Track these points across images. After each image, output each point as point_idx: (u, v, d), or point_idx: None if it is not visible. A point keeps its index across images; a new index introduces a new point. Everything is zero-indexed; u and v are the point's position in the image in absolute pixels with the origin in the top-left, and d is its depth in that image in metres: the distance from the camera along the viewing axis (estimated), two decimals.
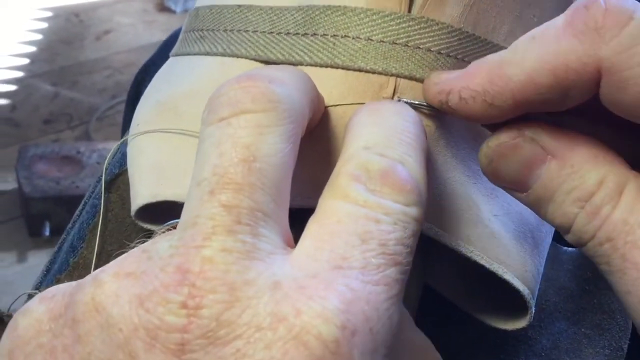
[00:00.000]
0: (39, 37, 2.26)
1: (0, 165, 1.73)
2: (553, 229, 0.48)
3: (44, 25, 2.32)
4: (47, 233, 1.55)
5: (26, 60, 2.13)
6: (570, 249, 0.54)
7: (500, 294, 0.45)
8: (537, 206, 0.37)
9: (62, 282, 0.46)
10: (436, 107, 0.39)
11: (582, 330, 0.51)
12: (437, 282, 0.48)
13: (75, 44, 2.23)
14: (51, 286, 0.46)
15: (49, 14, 2.36)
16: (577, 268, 0.53)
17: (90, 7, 2.39)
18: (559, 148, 0.34)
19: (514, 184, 0.36)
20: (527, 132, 0.35)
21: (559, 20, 0.32)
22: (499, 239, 0.43)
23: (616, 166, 0.33)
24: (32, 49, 2.19)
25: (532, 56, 0.32)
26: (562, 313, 0.52)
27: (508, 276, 0.41)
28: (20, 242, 1.58)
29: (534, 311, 0.42)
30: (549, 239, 0.47)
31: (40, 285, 0.48)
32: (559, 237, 0.50)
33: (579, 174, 0.33)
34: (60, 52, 2.19)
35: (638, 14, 0.29)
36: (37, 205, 1.56)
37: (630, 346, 0.51)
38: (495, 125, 0.37)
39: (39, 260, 1.53)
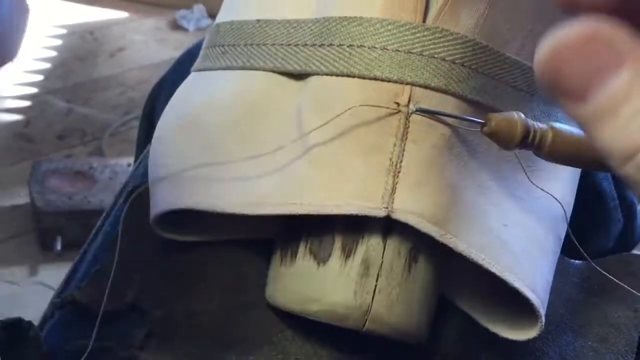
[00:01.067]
0: (54, 54, 2.28)
1: (14, 179, 1.73)
2: (562, 239, 0.49)
3: (59, 42, 2.34)
4: (58, 248, 1.55)
5: (40, 77, 2.14)
6: (577, 261, 0.55)
7: (511, 305, 0.46)
8: (593, 123, 0.28)
9: (85, 290, 0.47)
10: None
11: (589, 343, 0.52)
12: (452, 292, 0.48)
13: (89, 60, 2.24)
14: (70, 295, 0.47)
15: (64, 31, 2.38)
16: (584, 281, 0.54)
17: (104, 25, 2.41)
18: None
19: (574, 92, 0.29)
20: (606, 30, 0.27)
21: None
22: (509, 248, 0.43)
23: None
24: (47, 65, 2.20)
25: None
26: (569, 325, 0.52)
27: (518, 284, 0.42)
28: (31, 256, 1.59)
29: (543, 323, 0.43)
30: (557, 250, 0.48)
31: (62, 293, 0.49)
32: (566, 250, 0.50)
33: None
34: (74, 68, 2.20)
35: None
36: (49, 220, 1.56)
37: None
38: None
39: (49, 274, 1.53)
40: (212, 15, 2.40)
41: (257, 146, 0.44)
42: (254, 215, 0.42)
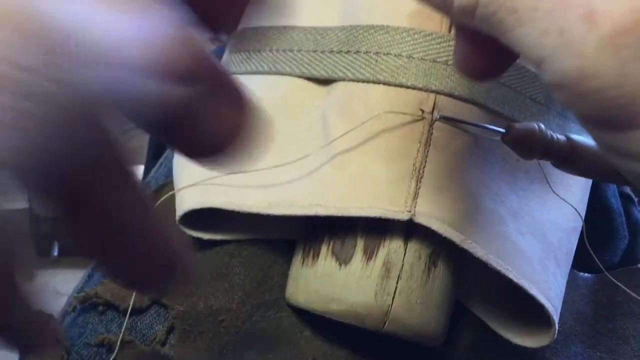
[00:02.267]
0: None
1: (12, 184, 1.75)
2: (573, 252, 0.50)
3: None
4: (55, 253, 1.55)
5: None
6: (586, 274, 0.56)
7: (525, 312, 0.47)
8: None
9: (107, 286, 0.48)
10: None
11: (597, 354, 0.52)
12: (467, 298, 0.49)
13: None
14: (93, 290, 0.47)
15: None
16: (592, 293, 0.55)
17: None
18: None
19: None
20: None
21: None
22: (525, 256, 0.44)
23: None
24: None
25: None
26: (578, 337, 0.53)
27: (534, 292, 0.43)
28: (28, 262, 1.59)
29: (557, 331, 0.44)
30: (569, 260, 0.49)
31: (82, 290, 0.49)
32: (575, 263, 0.51)
33: None
34: None
35: None
36: (47, 226, 1.57)
37: None
38: None
39: (45, 280, 1.54)
40: None
41: (284, 150, 0.45)
42: (278, 216, 0.42)
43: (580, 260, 0.51)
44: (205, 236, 0.48)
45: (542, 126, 0.41)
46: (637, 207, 0.67)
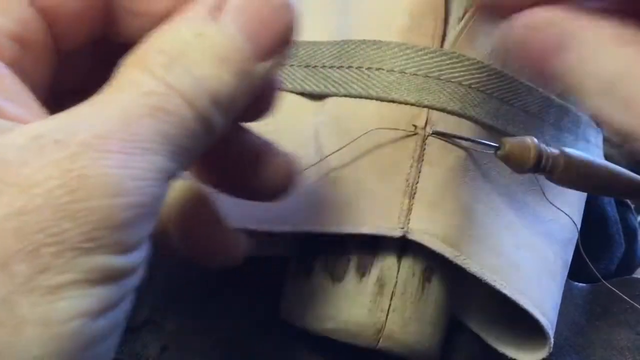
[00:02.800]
0: None
1: None
2: (569, 263, 0.50)
3: None
4: None
5: None
6: (581, 284, 0.55)
7: (520, 326, 0.46)
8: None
9: None
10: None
11: None
12: (462, 312, 0.49)
13: None
14: None
15: None
16: (587, 303, 0.55)
17: None
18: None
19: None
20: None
21: None
22: (519, 270, 0.44)
23: None
24: None
25: None
26: (573, 347, 0.53)
27: (529, 306, 0.42)
28: None
29: (552, 345, 0.44)
30: (564, 273, 0.49)
31: None
32: (570, 273, 0.51)
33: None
34: None
35: None
36: None
37: None
38: None
39: None
40: None
41: None
42: (271, 233, 0.42)
43: (576, 269, 0.51)
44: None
45: (536, 140, 0.41)
46: (634, 214, 0.67)
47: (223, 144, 0.30)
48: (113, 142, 0.23)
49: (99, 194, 0.22)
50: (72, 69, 0.31)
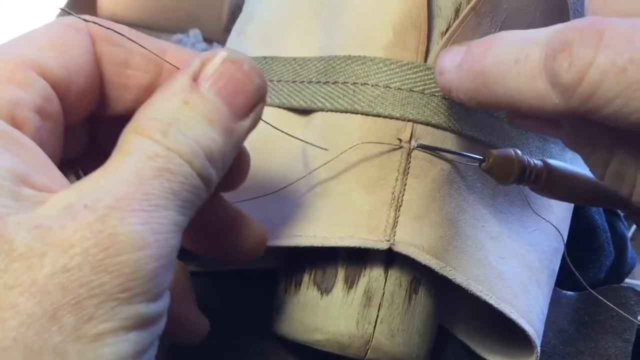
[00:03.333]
0: None
1: None
2: (556, 271, 0.50)
3: None
4: None
5: None
6: (569, 292, 0.56)
7: (508, 335, 0.47)
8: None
9: None
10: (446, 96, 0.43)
11: None
12: (450, 322, 0.50)
13: None
14: None
15: None
16: (575, 312, 0.55)
17: None
18: None
19: None
20: None
21: (538, 51, 0.33)
22: (505, 280, 0.44)
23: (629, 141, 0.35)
24: None
25: (514, 86, 0.34)
26: (561, 355, 0.53)
27: (515, 316, 0.43)
28: None
29: (539, 353, 0.44)
30: (552, 281, 0.49)
31: None
32: (559, 281, 0.52)
33: None
34: None
35: (599, 57, 0.30)
36: None
37: None
38: None
39: None
40: (207, 40, 2.41)
41: (266, 181, 0.45)
42: None
43: (564, 278, 0.52)
44: (189, 268, 0.48)
45: (519, 152, 0.42)
46: (623, 222, 0.68)
47: (203, 212, 0.32)
48: (133, 203, 0.26)
49: (128, 249, 0.25)
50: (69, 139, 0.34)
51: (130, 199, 0.26)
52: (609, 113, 0.31)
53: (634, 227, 1.91)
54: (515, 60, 0.34)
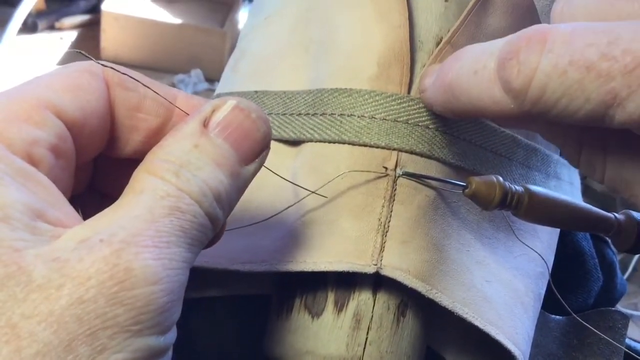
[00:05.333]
0: None
1: None
2: (542, 295, 0.51)
3: None
4: None
5: None
6: (558, 317, 0.57)
7: (495, 357, 0.48)
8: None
9: None
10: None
11: None
12: (439, 344, 0.51)
13: None
14: None
15: None
16: (564, 335, 0.56)
17: None
18: None
19: None
20: None
21: (492, 61, 0.37)
22: (491, 302, 0.46)
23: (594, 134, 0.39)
24: None
25: (475, 95, 0.38)
26: None
27: (500, 337, 0.44)
28: None
29: None
30: (537, 305, 0.51)
31: None
32: (547, 306, 0.53)
33: None
34: None
35: (542, 62, 0.33)
36: None
37: None
38: None
39: None
40: (209, 79, 2.45)
41: (257, 210, 0.47)
42: (253, 273, 0.44)
43: (553, 302, 0.53)
44: (189, 295, 0.49)
45: (501, 178, 0.43)
46: (611, 248, 0.69)
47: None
48: (146, 239, 0.28)
49: (142, 283, 0.27)
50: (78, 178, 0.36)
51: (144, 235, 0.28)
52: (558, 112, 0.34)
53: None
54: (474, 71, 0.38)
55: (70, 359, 0.25)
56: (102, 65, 0.34)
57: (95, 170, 0.39)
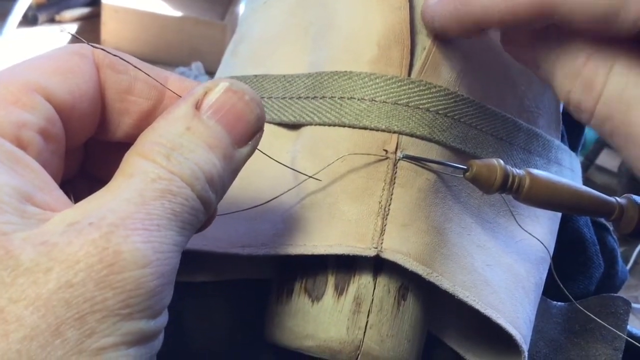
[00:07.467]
0: None
1: None
2: (543, 280, 0.51)
3: None
4: None
5: None
6: (559, 303, 0.57)
7: (496, 341, 0.48)
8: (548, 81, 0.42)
9: None
10: (431, 31, 0.46)
11: None
12: (439, 328, 0.51)
13: None
14: None
15: None
16: (566, 321, 0.56)
17: None
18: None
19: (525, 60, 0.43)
20: None
21: None
22: (491, 286, 0.45)
23: (603, 46, 0.38)
24: None
25: None
26: None
27: (501, 321, 0.44)
28: None
29: (526, 358, 0.45)
30: (538, 290, 0.50)
31: None
32: (549, 292, 0.53)
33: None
34: None
35: None
36: None
37: None
38: None
39: None
40: (210, 72, 2.45)
41: (257, 193, 0.46)
42: (253, 257, 0.44)
43: (555, 289, 0.53)
44: (183, 279, 0.49)
45: (502, 162, 0.43)
46: (612, 235, 0.69)
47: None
48: (136, 222, 0.27)
49: (131, 266, 0.27)
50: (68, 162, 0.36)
51: (134, 218, 0.27)
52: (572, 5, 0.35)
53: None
54: None
55: (58, 343, 0.25)
56: (92, 47, 0.34)
57: (86, 155, 0.38)
